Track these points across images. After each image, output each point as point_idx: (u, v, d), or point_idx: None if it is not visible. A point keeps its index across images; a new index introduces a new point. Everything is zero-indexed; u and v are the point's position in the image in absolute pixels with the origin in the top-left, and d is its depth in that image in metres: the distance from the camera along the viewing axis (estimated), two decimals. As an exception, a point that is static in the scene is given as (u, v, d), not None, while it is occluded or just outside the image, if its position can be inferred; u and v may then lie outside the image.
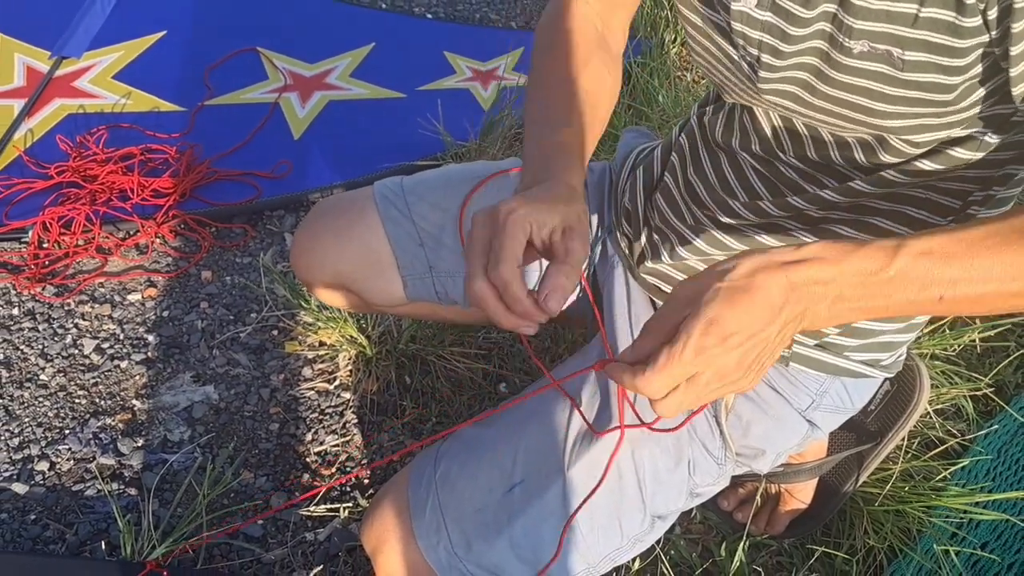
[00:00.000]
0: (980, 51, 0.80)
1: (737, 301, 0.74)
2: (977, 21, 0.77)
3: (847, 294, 0.76)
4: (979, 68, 0.82)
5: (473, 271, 0.87)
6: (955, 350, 1.80)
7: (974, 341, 1.80)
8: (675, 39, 2.64)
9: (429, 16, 2.91)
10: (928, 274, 0.75)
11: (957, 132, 0.91)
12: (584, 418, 1.10)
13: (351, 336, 1.75)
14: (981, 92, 0.85)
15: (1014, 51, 0.76)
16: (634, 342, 0.81)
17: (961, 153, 0.93)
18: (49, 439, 1.65)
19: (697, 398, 0.79)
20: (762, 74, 0.95)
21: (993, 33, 0.77)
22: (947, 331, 1.79)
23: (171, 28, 2.67)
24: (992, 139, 0.91)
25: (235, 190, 2.16)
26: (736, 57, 0.98)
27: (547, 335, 1.83)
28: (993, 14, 0.76)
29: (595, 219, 1.35)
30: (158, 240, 2.05)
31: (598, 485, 1.08)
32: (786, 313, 0.76)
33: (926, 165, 0.95)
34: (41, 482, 1.58)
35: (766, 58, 0.93)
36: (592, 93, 1.08)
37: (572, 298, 1.37)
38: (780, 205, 1.07)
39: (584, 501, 1.07)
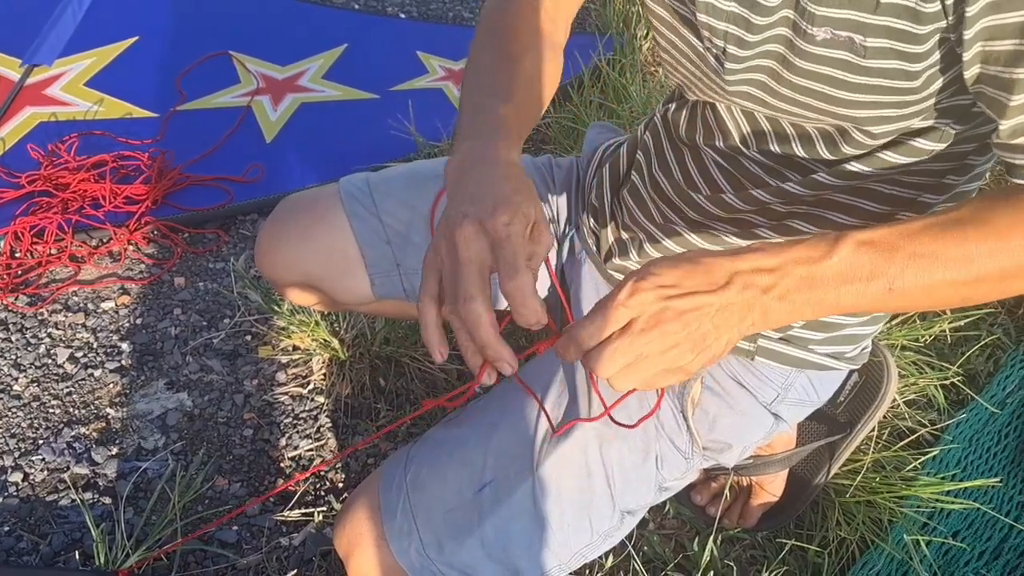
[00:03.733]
0: (938, 36, 0.81)
1: (679, 264, 0.78)
2: (936, 6, 0.78)
3: (794, 285, 0.78)
4: (937, 55, 0.83)
5: (425, 296, 0.87)
6: (926, 340, 1.81)
7: (944, 331, 1.81)
8: (647, 34, 2.65)
9: (402, 16, 2.91)
10: (873, 265, 0.78)
11: (918, 123, 0.91)
12: (547, 416, 1.11)
13: (324, 340, 1.75)
14: (941, 81, 0.85)
15: (967, 35, 0.77)
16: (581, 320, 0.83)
17: (924, 144, 0.94)
18: (23, 450, 1.64)
19: (641, 363, 0.79)
20: (728, 66, 0.96)
21: (950, 18, 0.78)
22: (917, 321, 1.80)
23: (143, 34, 2.67)
24: (954, 129, 0.92)
25: (208, 195, 2.16)
26: (702, 50, 0.99)
27: (521, 334, 1.83)
28: None
29: (563, 215, 1.36)
30: (131, 247, 2.04)
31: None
32: (731, 293, 0.77)
33: (890, 157, 0.96)
34: (15, 493, 1.58)
35: (732, 49, 0.94)
36: (534, 77, 1.07)
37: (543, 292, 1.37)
38: (744, 198, 1.08)
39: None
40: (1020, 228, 0.79)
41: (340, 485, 1.62)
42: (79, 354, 1.82)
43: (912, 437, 1.62)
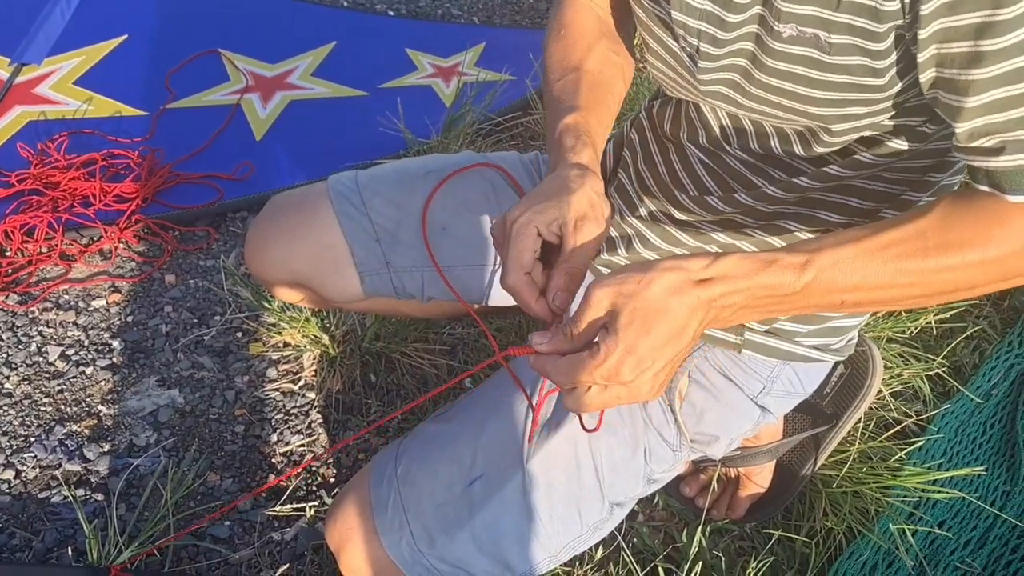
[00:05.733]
0: (895, 34, 0.82)
1: (651, 325, 0.79)
2: (895, 5, 0.79)
3: (752, 303, 0.82)
4: (896, 55, 0.84)
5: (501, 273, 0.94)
6: (912, 332, 1.82)
7: (930, 323, 1.83)
8: (633, 31, 2.65)
9: (391, 13, 2.91)
10: (831, 283, 0.81)
11: (887, 121, 0.92)
12: (527, 396, 1.12)
13: (314, 336, 1.75)
14: (905, 80, 0.86)
15: (922, 35, 0.78)
16: (551, 334, 0.84)
17: (899, 144, 0.95)
18: (15, 447, 1.65)
19: (604, 403, 0.83)
20: (702, 64, 0.97)
21: (907, 16, 0.79)
22: (903, 314, 1.82)
23: (132, 32, 2.66)
24: (929, 129, 0.94)
25: (198, 193, 2.16)
26: (677, 50, 1.00)
27: (512, 329, 1.84)
28: None
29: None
30: (121, 245, 2.04)
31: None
32: (692, 326, 0.81)
33: (866, 156, 0.97)
34: (7, 491, 1.58)
35: (705, 47, 0.95)
36: (599, 74, 1.10)
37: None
38: (727, 200, 1.09)
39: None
40: (977, 240, 0.80)
41: (331, 480, 1.63)
42: (70, 352, 1.82)
43: (898, 428, 1.63)
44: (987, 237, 0.80)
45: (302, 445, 1.68)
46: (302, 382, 1.79)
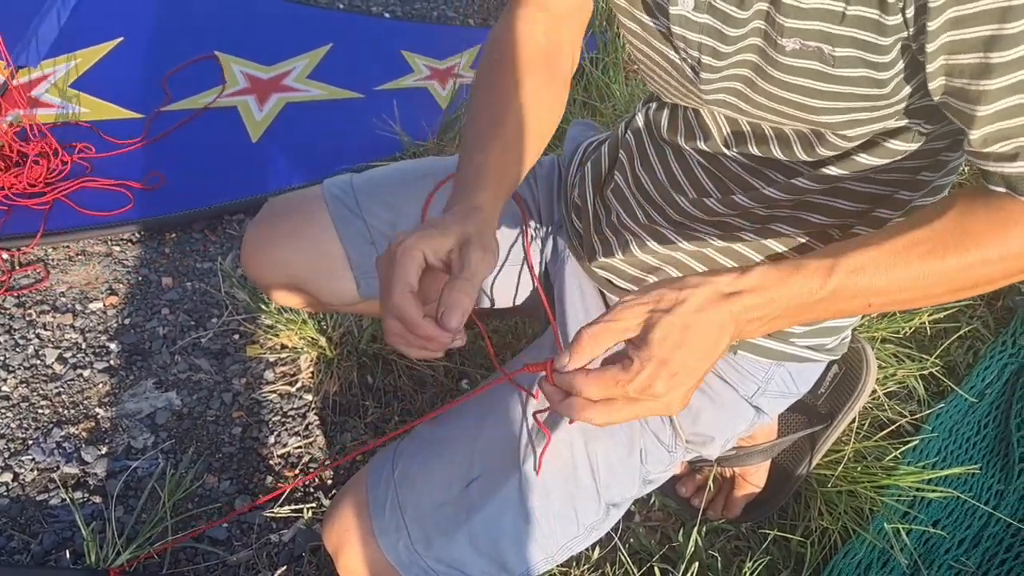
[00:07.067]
0: (900, 45, 0.83)
1: (686, 340, 0.82)
2: (898, 19, 0.80)
3: (783, 314, 0.85)
4: (902, 63, 0.85)
5: (381, 309, 0.93)
6: (906, 333, 1.83)
7: (924, 323, 1.84)
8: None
9: (387, 15, 2.92)
10: (858, 287, 0.84)
11: (891, 124, 0.93)
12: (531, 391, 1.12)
13: (311, 338, 1.76)
14: (909, 87, 0.87)
15: (930, 47, 0.79)
16: (571, 348, 0.85)
17: (897, 145, 0.96)
18: (12, 450, 1.65)
19: (633, 416, 0.86)
20: (703, 75, 0.97)
21: (911, 30, 0.81)
22: (897, 315, 1.82)
23: (128, 35, 2.67)
24: (925, 128, 0.94)
25: (195, 195, 2.17)
26: (678, 61, 1.00)
27: (508, 331, 1.85)
28: (911, 12, 0.79)
29: (545, 213, 1.38)
30: (117, 248, 2.05)
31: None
32: (724, 341, 0.84)
33: (865, 159, 0.98)
34: (5, 493, 1.58)
35: (706, 60, 0.95)
36: (523, 114, 1.09)
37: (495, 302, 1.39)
38: (727, 203, 1.10)
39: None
40: (994, 238, 0.83)
41: (329, 482, 1.64)
42: (68, 354, 1.83)
43: (892, 427, 1.64)
44: (1005, 235, 0.83)
45: (299, 447, 1.69)
46: (299, 384, 1.79)
